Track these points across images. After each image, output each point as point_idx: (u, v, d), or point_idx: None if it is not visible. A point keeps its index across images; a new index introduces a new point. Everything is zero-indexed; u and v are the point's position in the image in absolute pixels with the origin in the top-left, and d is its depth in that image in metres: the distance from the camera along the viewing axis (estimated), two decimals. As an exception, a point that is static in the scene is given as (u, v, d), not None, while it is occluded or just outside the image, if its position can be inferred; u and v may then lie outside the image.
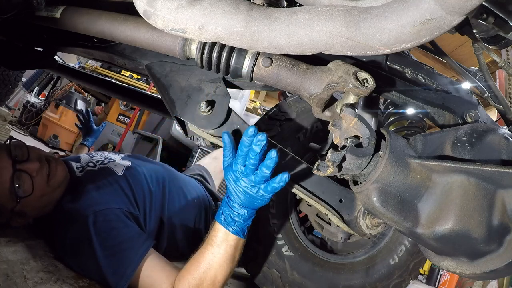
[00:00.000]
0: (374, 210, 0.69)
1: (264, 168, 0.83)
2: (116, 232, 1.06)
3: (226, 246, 0.92)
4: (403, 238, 1.36)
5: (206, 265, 0.93)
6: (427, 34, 0.56)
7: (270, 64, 0.73)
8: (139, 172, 1.35)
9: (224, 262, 0.93)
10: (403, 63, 1.06)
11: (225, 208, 0.92)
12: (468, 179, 0.64)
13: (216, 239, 0.93)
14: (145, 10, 0.67)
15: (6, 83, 2.63)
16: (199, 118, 0.85)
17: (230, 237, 0.92)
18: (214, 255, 0.93)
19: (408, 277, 1.37)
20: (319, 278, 1.24)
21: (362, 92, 0.69)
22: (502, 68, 1.13)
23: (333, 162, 0.69)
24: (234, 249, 0.93)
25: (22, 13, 0.90)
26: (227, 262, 0.93)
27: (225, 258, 0.93)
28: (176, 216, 1.42)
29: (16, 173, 1.04)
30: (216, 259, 0.93)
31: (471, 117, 1.05)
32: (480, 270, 0.68)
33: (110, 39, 0.86)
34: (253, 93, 5.57)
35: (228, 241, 0.92)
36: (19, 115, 5.06)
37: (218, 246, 0.92)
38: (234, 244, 0.93)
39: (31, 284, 0.89)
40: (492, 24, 0.93)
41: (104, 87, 1.96)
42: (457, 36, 1.03)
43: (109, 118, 4.62)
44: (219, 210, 0.94)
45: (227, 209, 0.91)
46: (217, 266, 0.93)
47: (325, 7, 0.61)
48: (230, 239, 0.92)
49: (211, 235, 0.94)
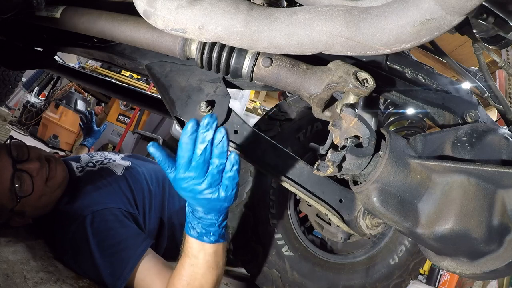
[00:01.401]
0: (374, 210, 0.69)
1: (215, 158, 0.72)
2: (113, 232, 1.06)
3: (204, 255, 0.84)
4: (403, 238, 1.36)
5: (188, 277, 0.87)
6: (427, 34, 0.56)
7: (270, 64, 0.73)
8: (138, 172, 1.35)
9: (207, 271, 0.86)
10: (403, 63, 1.06)
11: (193, 220, 0.82)
12: (468, 179, 0.64)
13: (191, 250, 0.85)
14: (145, 10, 0.67)
15: (6, 83, 2.63)
16: (199, 118, 0.85)
17: (207, 246, 0.83)
18: (194, 267, 0.86)
19: (408, 277, 1.37)
20: (319, 278, 1.24)
21: (362, 92, 0.69)
22: (502, 68, 1.13)
23: (333, 162, 0.69)
24: (214, 255, 0.85)
25: (22, 13, 0.90)
26: (210, 270, 0.86)
27: (207, 267, 0.85)
28: (176, 216, 1.42)
29: (16, 173, 1.05)
30: (197, 269, 0.86)
31: (471, 117, 1.05)
32: (480, 270, 0.68)
33: (110, 39, 0.86)
34: (253, 93, 5.57)
35: (205, 250, 0.84)
36: (19, 115, 5.05)
37: (195, 257, 0.85)
38: (212, 251, 0.84)
39: (31, 284, 0.89)
40: (492, 24, 0.93)
41: (104, 87, 1.96)
42: (457, 36, 1.03)
43: (109, 118, 4.62)
44: (187, 222, 0.85)
45: (195, 221, 0.82)
46: (200, 276, 0.86)
47: (325, 7, 0.61)
48: (206, 247, 0.84)
49: (186, 247, 0.86)
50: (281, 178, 0.91)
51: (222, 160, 0.73)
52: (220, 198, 0.76)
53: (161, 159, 0.74)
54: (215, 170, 0.73)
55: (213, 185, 0.74)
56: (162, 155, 0.74)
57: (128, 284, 0.99)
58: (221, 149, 0.72)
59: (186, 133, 0.71)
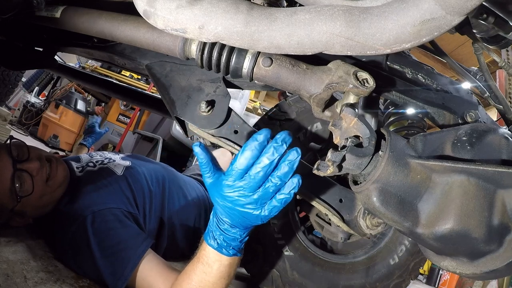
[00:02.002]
0: (374, 210, 0.69)
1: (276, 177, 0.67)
2: (114, 232, 1.06)
3: (219, 266, 0.82)
4: (403, 238, 1.36)
5: (198, 283, 0.85)
6: (427, 34, 0.56)
7: (270, 64, 0.73)
8: (138, 172, 1.35)
9: (219, 280, 0.84)
10: (403, 63, 1.06)
11: (216, 230, 0.78)
12: (468, 179, 0.64)
13: (207, 259, 0.82)
14: (145, 10, 0.67)
15: (6, 83, 2.63)
16: (199, 118, 0.85)
17: (224, 258, 0.81)
18: (206, 274, 0.83)
19: (408, 277, 1.37)
20: (319, 278, 1.24)
21: (362, 92, 0.69)
22: (502, 68, 1.13)
23: (333, 162, 0.69)
24: (229, 267, 0.83)
25: (22, 13, 0.90)
26: (221, 280, 0.84)
27: (219, 277, 0.83)
28: (176, 216, 1.42)
29: (17, 173, 1.05)
30: (208, 277, 0.83)
31: (471, 117, 1.05)
32: (480, 270, 0.68)
33: (110, 39, 0.86)
34: (253, 93, 5.57)
35: (221, 261, 0.81)
36: (19, 115, 5.05)
37: (210, 266, 0.82)
38: (228, 263, 0.82)
39: (31, 284, 0.89)
40: (492, 24, 0.93)
41: (104, 87, 1.96)
42: (457, 36, 1.03)
43: (109, 118, 4.63)
44: (208, 230, 0.81)
45: (218, 232, 0.78)
46: (210, 284, 0.84)
47: (325, 7, 0.61)
48: (224, 259, 0.81)
49: (201, 254, 0.83)
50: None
51: (284, 179, 0.68)
52: (259, 216, 0.71)
53: (204, 162, 0.71)
54: (272, 188, 0.68)
55: (260, 202, 0.69)
56: (206, 157, 0.71)
57: (129, 284, 0.99)
58: (289, 169, 0.67)
59: (256, 140, 0.66)
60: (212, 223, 0.79)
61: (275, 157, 0.66)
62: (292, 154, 0.67)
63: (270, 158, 0.66)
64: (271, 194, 0.69)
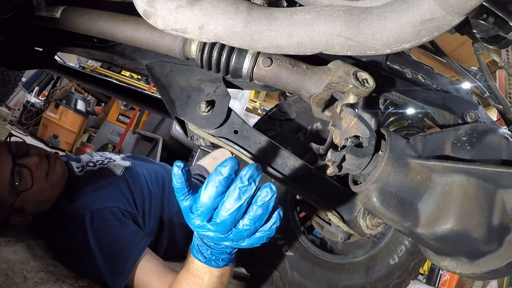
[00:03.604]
0: (374, 210, 0.69)
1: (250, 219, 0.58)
2: (113, 230, 1.06)
3: (210, 277, 0.77)
4: (403, 238, 1.36)
5: None
6: (427, 34, 0.56)
7: (270, 64, 0.73)
8: (138, 172, 1.35)
9: None
10: (403, 63, 1.06)
11: (202, 246, 0.71)
12: (468, 179, 0.64)
13: (197, 272, 0.77)
14: (145, 10, 0.67)
15: (6, 83, 2.63)
16: (199, 118, 0.85)
17: (214, 270, 0.76)
18: (197, 285, 0.79)
19: (408, 277, 1.37)
20: (319, 278, 1.24)
21: (362, 92, 0.69)
22: (502, 68, 1.13)
23: (333, 162, 0.69)
24: (221, 277, 0.78)
25: (22, 13, 0.90)
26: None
27: (212, 287, 0.79)
28: (176, 216, 1.42)
29: (16, 168, 1.06)
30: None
31: (471, 117, 1.05)
32: (480, 270, 0.68)
33: (110, 39, 0.86)
34: (253, 93, 5.57)
35: (212, 273, 0.76)
36: (19, 115, 5.06)
37: (200, 277, 0.78)
38: (219, 274, 0.77)
39: (31, 284, 0.89)
40: (492, 24, 0.93)
41: (104, 87, 1.96)
42: (457, 36, 1.03)
43: (109, 118, 4.63)
44: (193, 244, 0.74)
45: (204, 247, 0.71)
46: None
47: (325, 7, 0.61)
48: (214, 271, 0.76)
49: (190, 266, 0.78)
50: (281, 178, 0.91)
51: (259, 222, 0.58)
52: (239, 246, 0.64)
53: (179, 187, 0.62)
54: (246, 233, 0.59)
55: (237, 240, 0.62)
56: (182, 183, 0.61)
57: (128, 284, 0.99)
58: (264, 211, 0.57)
59: (220, 174, 0.55)
60: (197, 238, 0.72)
61: (242, 201, 0.55)
62: (265, 192, 0.56)
63: (236, 202, 0.55)
64: (248, 235, 0.61)
